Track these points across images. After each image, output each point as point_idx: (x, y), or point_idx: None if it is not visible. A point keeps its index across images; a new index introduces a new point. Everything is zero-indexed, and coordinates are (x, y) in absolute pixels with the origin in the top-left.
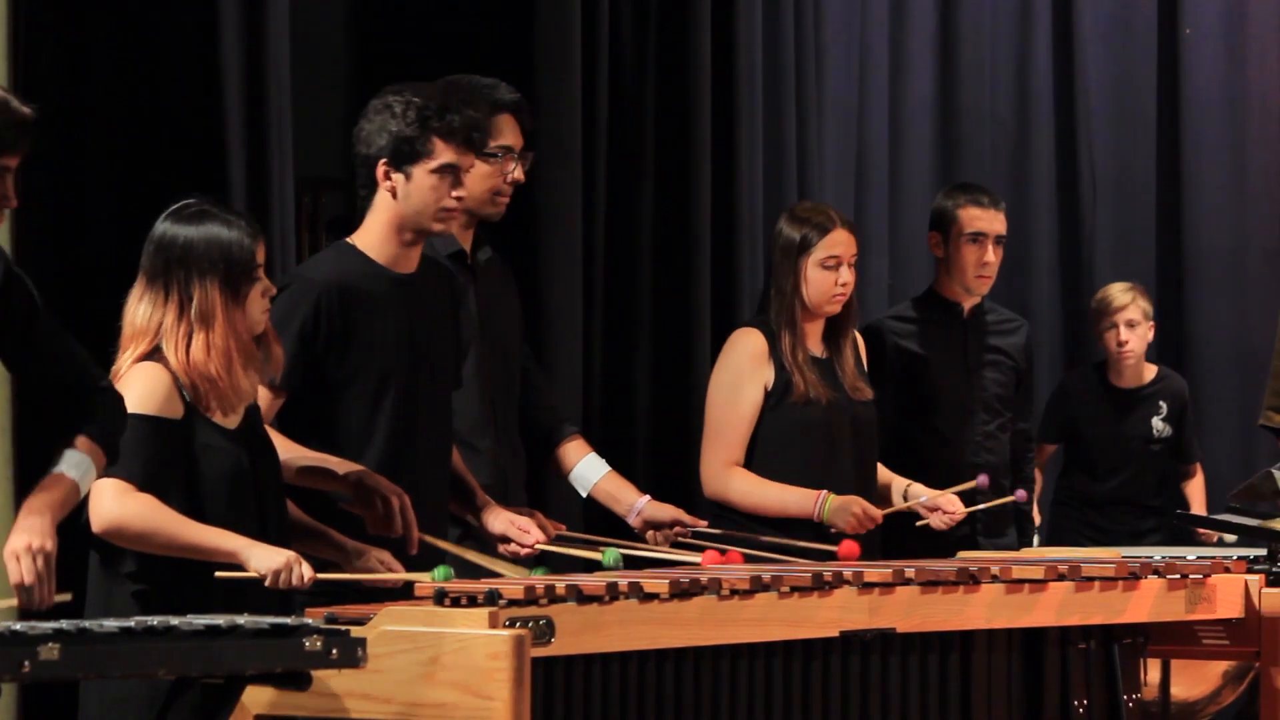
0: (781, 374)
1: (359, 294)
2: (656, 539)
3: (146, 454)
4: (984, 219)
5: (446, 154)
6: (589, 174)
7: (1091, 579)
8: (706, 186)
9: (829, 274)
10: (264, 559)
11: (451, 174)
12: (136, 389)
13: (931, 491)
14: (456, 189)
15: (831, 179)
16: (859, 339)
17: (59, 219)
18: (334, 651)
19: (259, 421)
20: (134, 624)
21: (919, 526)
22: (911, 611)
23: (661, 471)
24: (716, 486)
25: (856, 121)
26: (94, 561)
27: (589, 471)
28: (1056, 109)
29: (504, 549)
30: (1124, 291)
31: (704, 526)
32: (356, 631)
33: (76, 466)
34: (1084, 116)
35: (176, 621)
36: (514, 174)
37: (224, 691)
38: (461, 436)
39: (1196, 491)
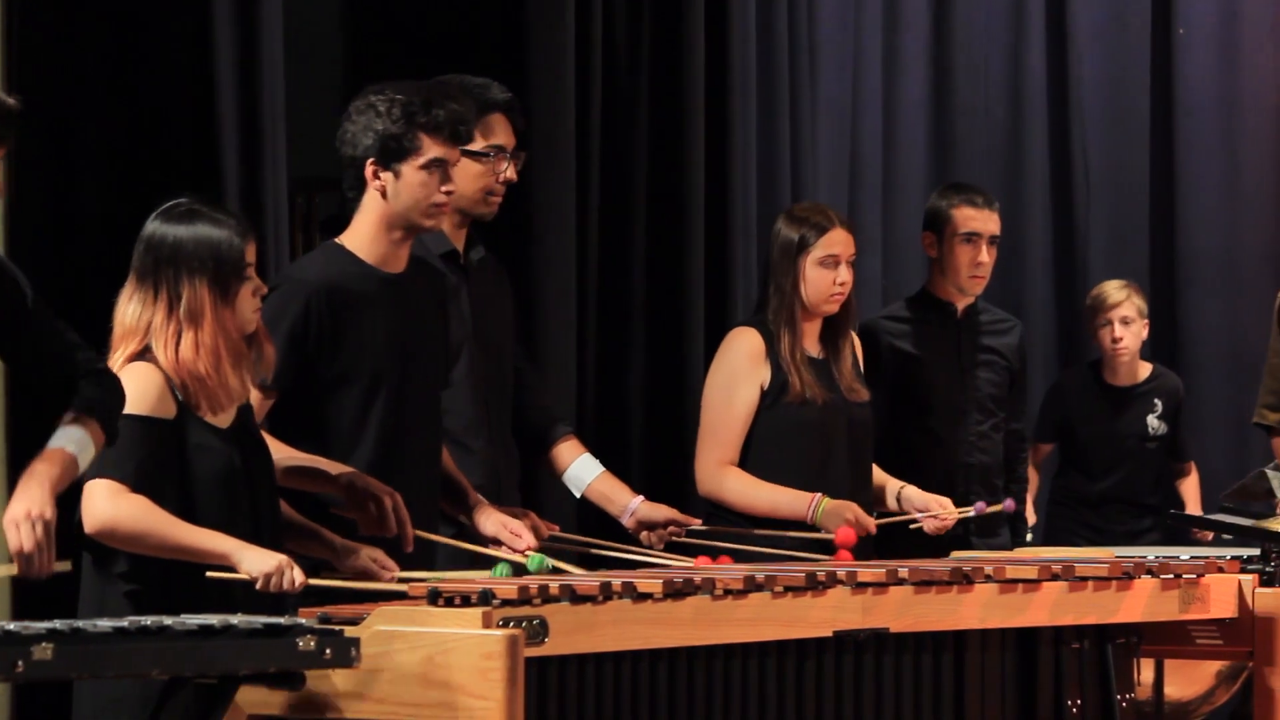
0: (778, 374)
1: (349, 294)
2: (651, 539)
3: (139, 455)
4: (978, 219)
5: (434, 149)
6: (582, 173)
7: (1085, 579)
8: (700, 186)
9: (827, 273)
10: (256, 562)
11: (440, 169)
12: (129, 389)
13: (924, 495)
14: (446, 184)
15: (825, 178)
16: (857, 340)
17: (53, 219)
18: (327, 651)
19: (252, 421)
20: (128, 624)
21: (912, 528)
22: (905, 611)
23: (655, 471)
24: (711, 486)
25: (850, 121)
26: (87, 562)
27: (583, 472)
28: (1050, 109)
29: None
30: (1119, 289)
31: (698, 526)
32: (350, 631)
33: (75, 441)
34: (1078, 116)
35: (170, 621)
36: (506, 173)
37: (217, 691)
38: (454, 436)
39: (1191, 490)
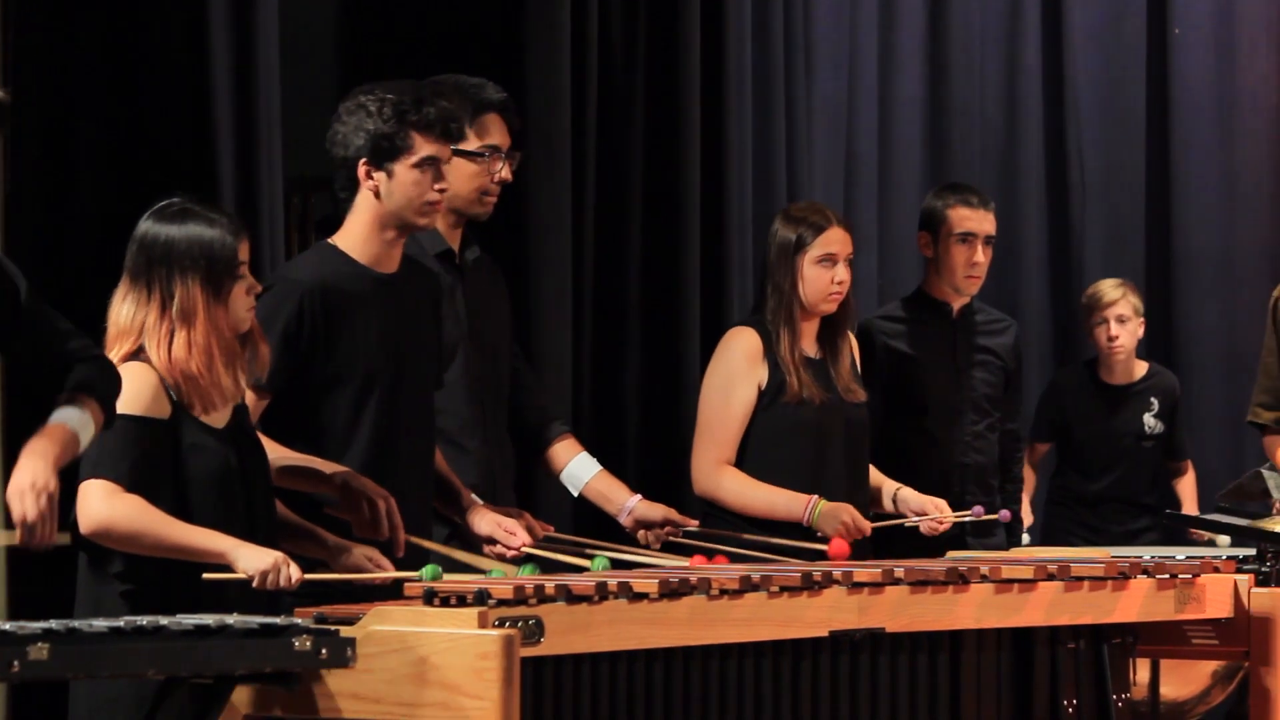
0: (776, 373)
1: (342, 294)
2: (648, 538)
3: (134, 455)
4: (973, 219)
5: (426, 147)
6: (578, 173)
7: (1081, 579)
8: (696, 185)
9: (825, 272)
10: (252, 560)
11: (433, 167)
12: (124, 390)
13: (921, 497)
14: (439, 181)
15: (821, 178)
16: (854, 341)
17: (50, 219)
18: (323, 651)
19: (247, 421)
20: (123, 624)
21: (908, 527)
22: (901, 611)
23: (651, 471)
24: (707, 485)
25: (846, 120)
26: (82, 562)
27: (580, 471)
28: (1046, 108)
29: (490, 551)
30: (1114, 287)
31: (695, 526)
32: (346, 631)
33: (75, 419)
34: (1073, 116)
35: (166, 621)
36: (501, 173)
37: (213, 691)
38: (450, 436)
39: (1188, 490)
